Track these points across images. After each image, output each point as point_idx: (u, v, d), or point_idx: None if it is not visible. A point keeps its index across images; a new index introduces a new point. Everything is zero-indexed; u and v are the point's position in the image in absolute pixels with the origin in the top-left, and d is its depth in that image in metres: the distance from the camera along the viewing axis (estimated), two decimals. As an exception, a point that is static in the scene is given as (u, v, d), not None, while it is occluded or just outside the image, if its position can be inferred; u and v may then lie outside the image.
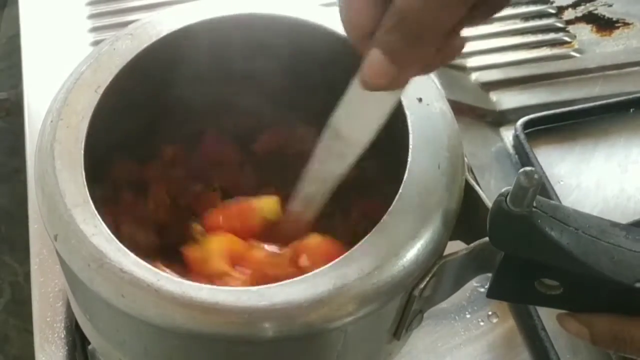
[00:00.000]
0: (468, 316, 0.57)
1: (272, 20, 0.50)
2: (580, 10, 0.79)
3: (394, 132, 0.46)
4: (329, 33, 0.49)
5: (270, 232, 0.48)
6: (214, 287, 0.38)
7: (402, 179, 0.42)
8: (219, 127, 0.56)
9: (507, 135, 0.68)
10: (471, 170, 0.64)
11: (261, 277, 0.44)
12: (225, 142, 0.55)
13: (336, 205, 0.53)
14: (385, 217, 0.40)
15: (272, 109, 0.56)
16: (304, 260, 0.45)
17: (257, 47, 0.52)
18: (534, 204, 0.39)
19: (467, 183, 0.44)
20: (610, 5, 0.79)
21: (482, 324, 0.56)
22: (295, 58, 0.52)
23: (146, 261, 0.40)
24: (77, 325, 0.52)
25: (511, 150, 0.67)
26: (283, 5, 0.50)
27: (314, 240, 0.46)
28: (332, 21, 0.49)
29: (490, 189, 0.63)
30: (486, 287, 0.46)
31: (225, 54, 0.52)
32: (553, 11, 0.78)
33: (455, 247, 0.43)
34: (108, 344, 0.45)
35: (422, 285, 0.41)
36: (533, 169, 0.38)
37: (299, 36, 0.50)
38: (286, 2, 0.50)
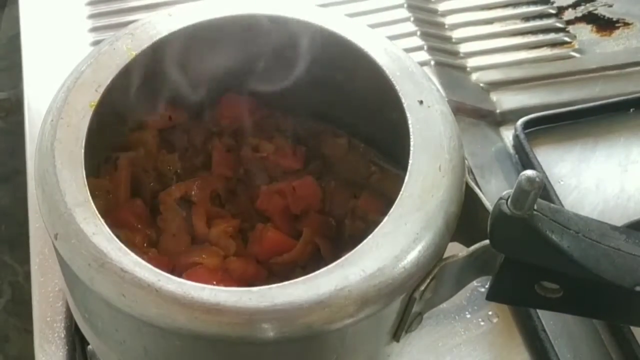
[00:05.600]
0: (468, 316, 0.57)
1: (272, 21, 0.50)
2: (580, 11, 0.79)
3: (395, 135, 0.47)
4: (327, 33, 0.49)
5: None
6: (216, 287, 0.38)
7: (403, 181, 0.42)
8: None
9: (507, 135, 0.68)
10: (471, 172, 0.64)
11: None
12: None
13: (336, 206, 0.54)
14: (386, 219, 0.40)
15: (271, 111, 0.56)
16: None
17: (256, 48, 0.52)
18: (535, 207, 0.39)
19: (467, 185, 0.44)
20: (610, 6, 0.79)
21: (482, 324, 0.56)
22: (294, 59, 0.52)
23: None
24: (77, 326, 0.52)
25: (511, 150, 0.67)
26: (283, 5, 0.50)
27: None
28: (332, 21, 0.49)
29: (491, 189, 0.63)
30: (487, 287, 0.46)
31: (224, 54, 0.52)
32: (553, 11, 0.78)
33: (455, 249, 0.43)
34: (106, 344, 0.45)
35: (422, 288, 0.41)
36: (535, 172, 0.38)
37: (298, 37, 0.50)
38: (286, 2, 0.50)
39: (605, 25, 0.77)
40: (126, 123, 0.53)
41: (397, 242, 0.40)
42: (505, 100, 0.71)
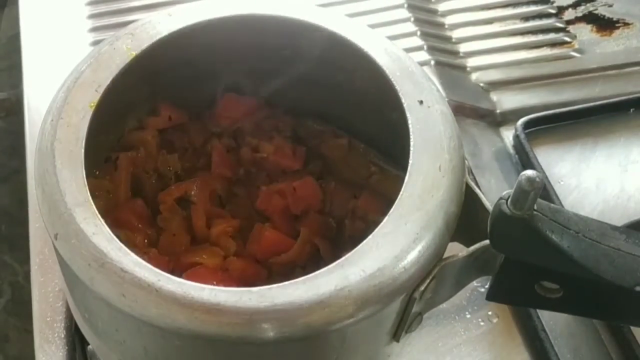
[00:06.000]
0: (468, 316, 0.57)
1: (272, 21, 0.50)
2: (581, 10, 0.79)
3: (395, 135, 0.47)
4: (327, 33, 0.49)
5: None
6: (216, 287, 0.38)
7: (403, 181, 0.42)
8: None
9: (507, 135, 0.68)
10: (471, 172, 0.64)
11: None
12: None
13: (336, 206, 0.53)
14: (386, 219, 0.40)
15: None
16: None
17: (256, 48, 0.52)
18: (535, 207, 0.39)
19: (467, 185, 0.44)
20: (611, 5, 0.79)
21: (482, 324, 0.56)
22: (294, 59, 0.52)
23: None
24: (77, 326, 0.52)
25: (511, 150, 0.67)
26: (283, 5, 0.50)
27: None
28: (332, 21, 0.49)
29: (491, 189, 0.63)
30: (487, 287, 0.46)
31: (224, 54, 0.52)
32: (553, 11, 0.78)
33: (455, 249, 0.43)
34: (106, 344, 0.45)
35: (422, 288, 0.41)
36: (535, 172, 0.38)
37: (298, 37, 0.50)
38: (286, 2, 0.50)
39: (605, 25, 0.77)
40: (126, 123, 0.53)
41: (397, 242, 0.40)
42: (505, 100, 0.71)
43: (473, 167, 0.65)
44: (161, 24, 0.49)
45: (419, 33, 0.75)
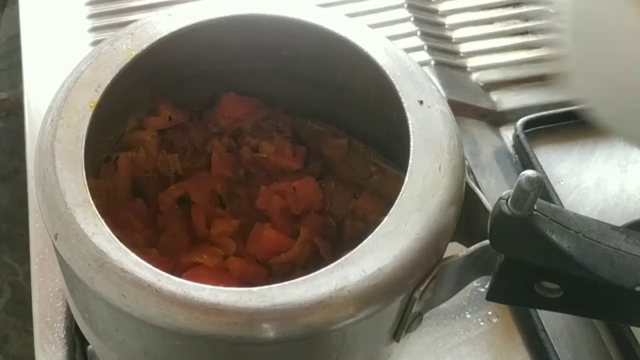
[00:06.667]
0: (468, 316, 0.57)
1: (272, 21, 0.50)
2: (581, 11, 0.79)
3: (395, 135, 0.47)
4: (327, 33, 0.49)
5: None
6: (216, 287, 0.38)
7: (403, 181, 0.42)
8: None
9: (507, 135, 0.68)
10: (471, 172, 0.64)
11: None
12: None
13: (336, 206, 0.54)
14: (386, 219, 0.40)
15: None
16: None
17: (256, 48, 0.52)
18: (535, 207, 0.39)
19: (467, 185, 0.44)
20: (611, 5, 0.79)
21: (482, 324, 0.56)
22: (294, 59, 0.52)
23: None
24: (77, 326, 0.52)
25: (511, 150, 0.67)
26: (283, 5, 0.50)
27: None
28: (332, 21, 0.49)
29: (491, 189, 0.63)
30: (487, 287, 0.46)
31: (224, 54, 0.52)
32: (553, 11, 0.78)
33: (455, 249, 0.43)
34: (106, 344, 0.45)
35: (422, 288, 0.41)
36: (535, 172, 0.38)
37: (298, 37, 0.50)
38: (286, 2, 0.50)
39: (605, 25, 0.77)
40: (126, 123, 0.53)
41: (397, 242, 0.39)
42: (505, 100, 0.71)
43: (473, 167, 0.65)
44: (161, 24, 0.48)
45: (419, 33, 0.75)
